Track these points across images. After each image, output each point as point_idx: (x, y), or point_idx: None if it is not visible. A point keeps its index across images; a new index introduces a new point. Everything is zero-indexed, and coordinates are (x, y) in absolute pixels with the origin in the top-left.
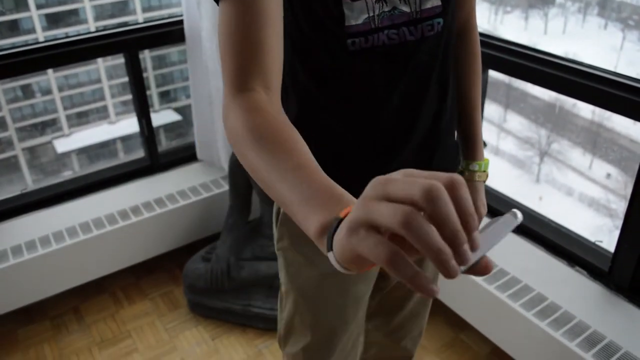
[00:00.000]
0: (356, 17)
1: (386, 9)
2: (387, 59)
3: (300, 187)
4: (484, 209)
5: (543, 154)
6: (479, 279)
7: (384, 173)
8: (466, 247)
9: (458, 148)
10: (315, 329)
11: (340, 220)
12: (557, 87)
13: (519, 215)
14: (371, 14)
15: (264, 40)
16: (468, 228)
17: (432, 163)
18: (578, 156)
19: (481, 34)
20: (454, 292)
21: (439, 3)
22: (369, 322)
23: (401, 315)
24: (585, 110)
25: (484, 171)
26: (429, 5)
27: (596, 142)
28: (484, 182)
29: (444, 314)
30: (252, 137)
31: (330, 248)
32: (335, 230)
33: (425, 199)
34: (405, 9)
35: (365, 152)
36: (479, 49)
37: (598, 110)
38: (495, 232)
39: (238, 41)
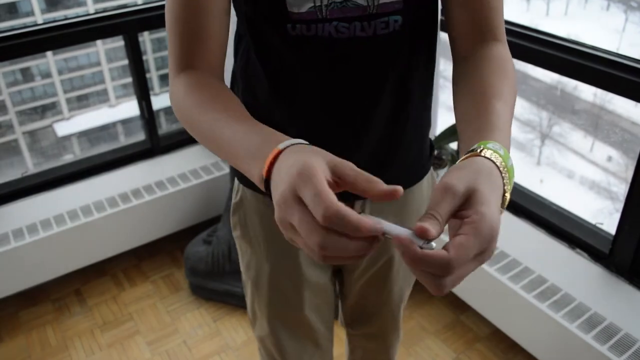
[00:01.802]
0: (299, 5)
1: (337, 0)
2: (333, 52)
3: (241, 141)
4: (498, 223)
5: (544, 137)
6: None
7: None
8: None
9: (424, 167)
10: (272, 318)
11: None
12: (559, 69)
13: (432, 245)
14: (317, 4)
15: (206, 25)
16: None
17: (385, 178)
18: (579, 139)
19: None
20: None
21: None
22: (350, 328)
23: (379, 322)
24: (587, 92)
25: (504, 158)
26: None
27: (598, 124)
28: (505, 178)
29: (444, 296)
30: (193, 104)
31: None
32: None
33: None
34: (361, 1)
35: None
36: (510, 62)
37: (600, 92)
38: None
39: (182, 26)
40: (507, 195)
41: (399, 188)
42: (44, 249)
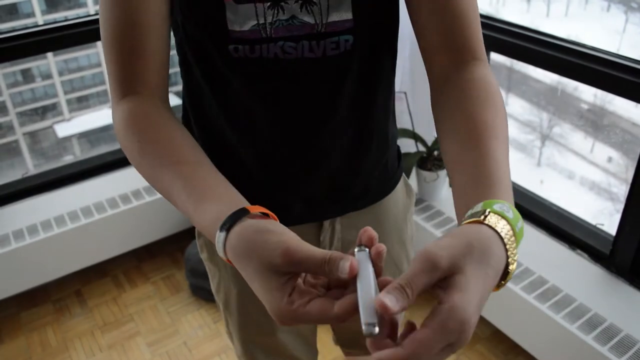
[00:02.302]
0: (241, 23)
1: (283, 17)
2: (280, 75)
3: (185, 208)
4: (474, 317)
5: (544, 138)
6: None
7: (286, 205)
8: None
9: (392, 178)
10: (245, 341)
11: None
12: (560, 69)
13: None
14: (262, 21)
15: (145, 40)
16: None
17: (353, 195)
18: (579, 140)
19: (482, 16)
20: None
21: (350, 17)
22: (345, 347)
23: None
24: (587, 93)
25: (512, 225)
26: (336, 17)
27: (598, 125)
28: (506, 277)
29: None
30: (134, 145)
31: (223, 247)
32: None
33: None
34: (308, 19)
35: (262, 180)
36: (495, 85)
37: (600, 93)
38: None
39: (118, 44)
40: (512, 267)
41: (354, 264)
42: (44, 250)
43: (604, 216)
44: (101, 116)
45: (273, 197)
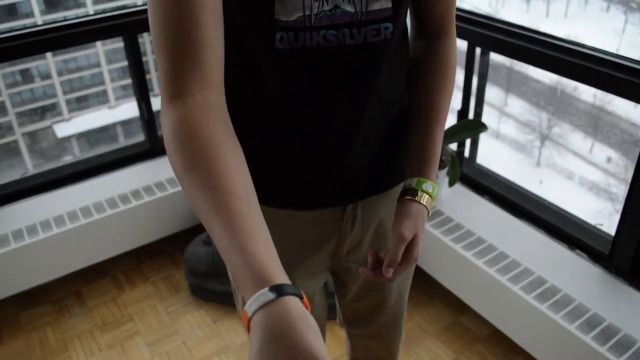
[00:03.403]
0: (287, 14)
1: (326, 8)
2: (321, 63)
3: (223, 252)
4: (417, 251)
5: (544, 138)
6: (480, 263)
7: (313, 190)
8: None
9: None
10: None
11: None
12: (559, 70)
13: None
14: (307, 13)
15: (201, 32)
16: None
17: (377, 180)
18: (579, 140)
19: (482, 16)
20: (455, 275)
21: (389, 5)
22: (349, 327)
23: (380, 321)
24: (587, 93)
25: (433, 197)
26: (376, 6)
27: (597, 125)
28: (428, 209)
29: (444, 297)
30: (184, 165)
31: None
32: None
33: None
34: (349, 8)
35: (292, 168)
36: (453, 58)
37: (599, 93)
38: None
39: (172, 34)
40: (429, 213)
41: None
42: (43, 250)
43: (603, 216)
44: (100, 116)
45: (299, 180)
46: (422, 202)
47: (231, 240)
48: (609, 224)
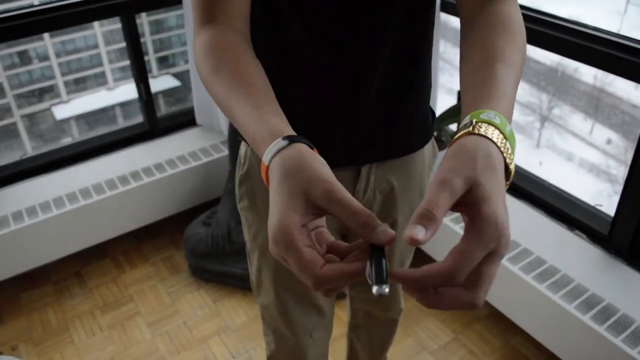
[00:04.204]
0: None
1: None
2: (343, 18)
3: (245, 126)
4: (506, 219)
5: (544, 119)
6: None
7: (328, 146)
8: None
9: (427, 132)
10: (279, 286)
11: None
12: (561, 50)
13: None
14: None
15: None
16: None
17: (390, 144)
18: (579, 121)
19: None
20: None
21: None
22: (353, 290)
23: None
24: (587, 75)
25: (503, 132)
26: None
27: (598, 107)
28: (509, 175)
29: None
30: (209, 68)
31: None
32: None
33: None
34: None
35: (307, 120)
36: (517, 19)
37: (600, 75)
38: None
39: None
40: (512, 167)
41: (393, 233)
42: (43, 231)
43: (603, 198)
44: (99, 98)
45: (316, 137)
46: (479, 132)
47: (251, 114)
48: (608, 205)
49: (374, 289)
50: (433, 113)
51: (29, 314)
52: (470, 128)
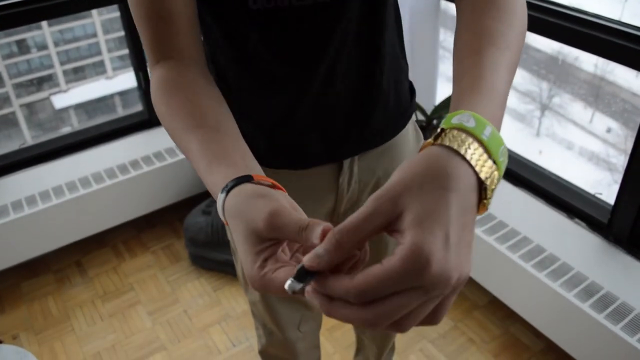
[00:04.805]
0: None
1: None
2: (296, 24)
3: (205, 150)
4: (445, 256)
5: (544, 108)
6: (480, 232)
7: (304, 145)
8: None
9: (405, 113)
10: None
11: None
12: (562, 37)
13: None
14: None
15: (170, 6)
16: None
17: (367, 131)
18: (579, 110)
19: None
20: None
21: None
22: None
23: None
24: (588, 63)
25: (466, 129)
26: None
27: (598, 95)
28: (486, 193)
29: None
30: (164, 109)
31: (222, 210)
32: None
33: None
34: None
35: (279, 125)
36: (517, 10)
37: (600, 63)
38: None
39: (146, 11)
40: (489, 182)
41: (326, 230)
42: (43, 220)
43: (602, 186)
44: (98, 87)
45: (292, 140)
46: (444, 143)
47: (199, 167)
48: (608, 194)
49: (286, 283)
50: (412, 91)
51: (30, 303)
52: (432, 139)
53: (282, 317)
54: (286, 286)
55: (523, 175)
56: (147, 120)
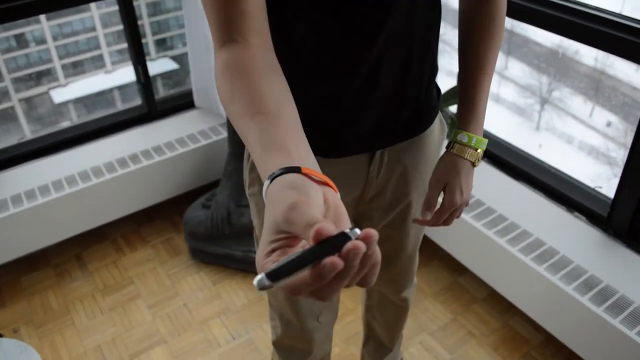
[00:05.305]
0: None
1: None
2: (348, 15)
3: (262, 136)
4: (460, 197)
5: (544, 102)
6: (479, 225)
7: (339, 137)
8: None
9: (434, 110)
10: None
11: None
12: (562, 30)
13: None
14: None
15: None
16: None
17: (398, 125)
18: (579, 104)
19: None
20: (453, 237)
21: None
22: None
23: (396, 267)
24: (588, 57)
25: (477, 149)
26: None
27: (598, 89)
28: (474, 165)
29: (442, 259)
30: (226, 97)
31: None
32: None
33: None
34: None
35: (321, 117)
36: (501, 14)
37: (600, 57)
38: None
39: None
40: (478, 163)
41: (320, 231)
42: (43, 214)
43: (602, 180)
44: (97, 81)
45: (328, 129)
46: (453, 151)
47: (254, 152)
48: (607, 188)
49: (256, 279)
50: (439, 91)
51: (30, 296)
52: (451, 148)
53: (303, 307)
54: (255, 280)
55: (523, 168)
56: (146, 114)
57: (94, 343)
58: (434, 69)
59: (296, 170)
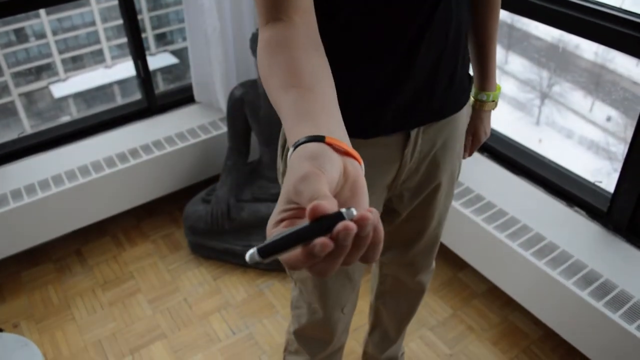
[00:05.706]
0: None
1: None
2: None
3: (294, 108)
4: (485, 136)
5: (544, 96)
6: (479, 220)
7: (378, 115)
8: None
9: (467, 91)
10: None
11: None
12: (562, 24)
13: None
14: None
15: None
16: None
17: (435, 104)
18: (579, 99)
19: None
20: (453, 232)
21: None
22: (383, 255)
23: (416, 248)
24: (588, 52)
25: (493, 101)
26: None
27: (598, 84)
28: (492, 110)
29: (443, 254)
30: (265, 72)
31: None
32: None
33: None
34: None
35: (360, 96)
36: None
37: (600, 52)
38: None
39: None
40: (494, 103)
41: (317, 209)
42: (42, 209)
43: (602, 175)
44: (97, 76)
45: (366, 108)
46: (476, 107)
47: (286, 123)
48: (607, 183)
49: (248, 253)
50: (469, 75)
51: (30, 291)
52: (476, 105)
53: (331, 295)
54: (247, 255)
55: (523, 163)
56: (146, 109)
57: (94, 338)
58: (467, 51)
59: (320, 139)
